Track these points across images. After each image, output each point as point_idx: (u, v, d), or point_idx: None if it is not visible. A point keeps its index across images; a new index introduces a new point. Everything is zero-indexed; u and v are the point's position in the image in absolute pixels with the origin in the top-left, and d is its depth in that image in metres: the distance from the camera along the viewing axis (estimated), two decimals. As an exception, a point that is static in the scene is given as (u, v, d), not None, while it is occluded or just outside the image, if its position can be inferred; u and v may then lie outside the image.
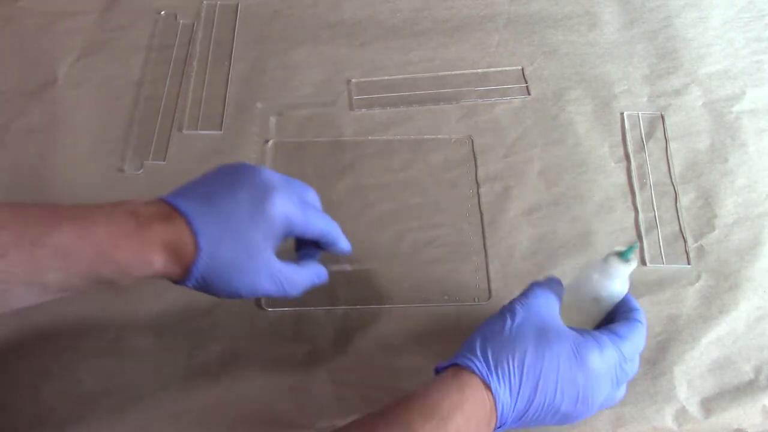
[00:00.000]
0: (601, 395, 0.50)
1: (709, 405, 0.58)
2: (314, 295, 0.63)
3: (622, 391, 0.53)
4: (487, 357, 0.49)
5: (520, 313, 0.51)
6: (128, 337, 0.61)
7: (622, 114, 0.76)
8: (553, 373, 0.49)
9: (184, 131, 0.74)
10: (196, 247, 0.47)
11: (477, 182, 0.70)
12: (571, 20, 0.83)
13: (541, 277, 0.64)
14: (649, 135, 0.74)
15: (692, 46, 0.81)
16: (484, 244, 0.66)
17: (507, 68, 0.79)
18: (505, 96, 0.77)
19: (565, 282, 0.55)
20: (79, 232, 0.45)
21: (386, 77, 0.78)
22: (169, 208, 0.48)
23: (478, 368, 0.48)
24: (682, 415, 0.58)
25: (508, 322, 0.50)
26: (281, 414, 0.57)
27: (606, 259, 0.51)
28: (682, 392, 0.59)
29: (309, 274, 0.54)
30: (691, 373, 0.60)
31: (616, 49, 0.81)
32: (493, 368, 0.48)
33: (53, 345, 0.60)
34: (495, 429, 0.49)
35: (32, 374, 0.59)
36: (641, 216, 0.69)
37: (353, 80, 0.78)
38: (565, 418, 0.51)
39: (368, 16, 0.83)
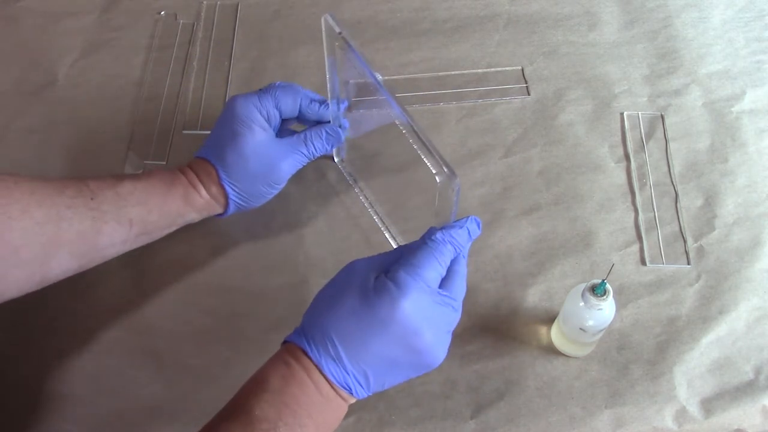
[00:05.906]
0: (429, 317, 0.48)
1: (709, 405, 0.58)
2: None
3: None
4: (306, 328, 0.48)
5: (337, 280, 0.51)
6: (130, 339, 0.61)
7: (622, 114, 0.75)
8: (377, 328, 0.47)
9: (184, 131, 0.74)
10: (217, 174, 0.60)
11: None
12: (571, 20, 0.83)
13: (541, 277, 0.65)
14: (649, 135, 0.74)
15: (692, 46, 0.81)
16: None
17: (507, 68, 0.79)
18: (505, 96, 0.77)
19: (563, 297, 0.55)
20: (145, 175, 0.59)
21: (386, 77, 0.78)
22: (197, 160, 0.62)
23: (297, 339, 0.48)
24: (682, 415, 0.58)
25: (326, 290, 0.50)
26: None
27: (582, 293, 0.54)
28: (682, 392, 0.59)
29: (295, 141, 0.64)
30: (691, 374, 0.60)
31: (616, 49, 0.81)
32: (310, 338, 0.48)
33: (53, 345, 0.61)
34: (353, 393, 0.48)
35: (31, 374, 0.59)
36: (641, 216, 0.69)
37: (352, 80, 0.77)
38: (419, 354, 0.48)
39: (368, 16, 0.83)
